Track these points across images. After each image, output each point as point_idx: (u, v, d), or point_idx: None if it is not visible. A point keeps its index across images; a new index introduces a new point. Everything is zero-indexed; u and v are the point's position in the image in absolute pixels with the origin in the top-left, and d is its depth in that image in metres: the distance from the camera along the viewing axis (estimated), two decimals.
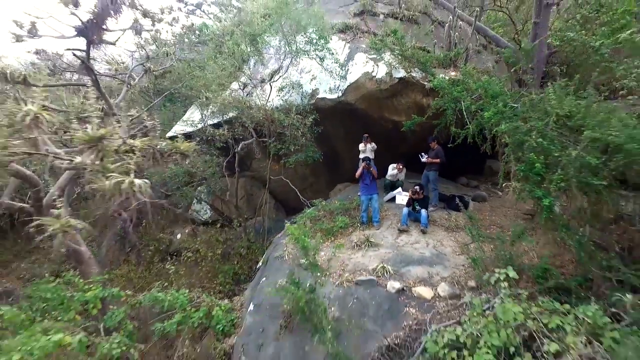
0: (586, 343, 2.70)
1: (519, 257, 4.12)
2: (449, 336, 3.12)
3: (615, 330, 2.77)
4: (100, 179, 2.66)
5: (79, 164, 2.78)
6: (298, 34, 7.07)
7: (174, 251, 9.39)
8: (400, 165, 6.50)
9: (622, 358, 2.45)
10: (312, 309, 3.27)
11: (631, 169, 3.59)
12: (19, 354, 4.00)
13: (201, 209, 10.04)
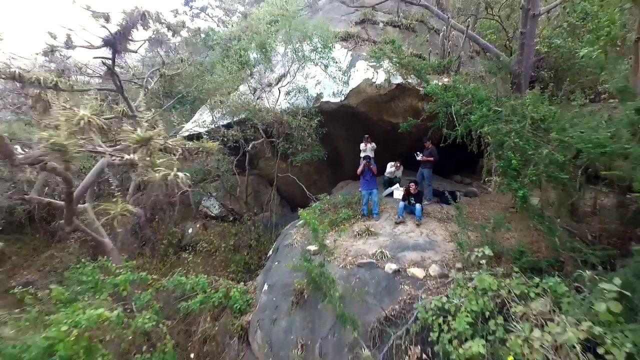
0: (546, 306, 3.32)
1: (500, 242, 4.73)
2: (436, 303, 3.74)
3: (571, 297, 3.38)
4: (150, 172, 3.27)
5: (131, 160, 3.40)
6: (304, 43, 7.67)
7: (186, 245, 10.01)
8: (397, 164, 7.11)
9: (573, 315, 3.06)
10: (322, 279, 3.89)
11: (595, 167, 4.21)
12: (66, 325, 4.61)
13: (211, 204, 10.67)
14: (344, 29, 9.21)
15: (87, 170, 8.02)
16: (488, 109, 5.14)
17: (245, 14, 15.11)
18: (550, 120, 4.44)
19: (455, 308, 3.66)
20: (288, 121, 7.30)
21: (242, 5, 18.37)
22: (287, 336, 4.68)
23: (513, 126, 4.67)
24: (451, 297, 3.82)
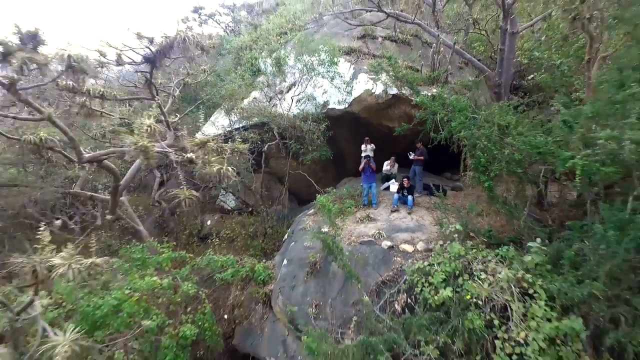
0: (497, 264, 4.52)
1: (474, 223, 5.93)
2: (420, 266, 4.94)
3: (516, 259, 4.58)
4: (208, 167, 4.46)
5: (191, 159, 4.60)
6: (313, 57, 8.86)
7: (205, 235, 11.21)
8: (392, 162, 8.31)
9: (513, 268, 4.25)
10: (334, 247, 5.08)
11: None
12: (127, 289, 5.82)
13: (227, 199, 11.88)
14: (347, 43, 10.41)
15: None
16: (465, 117, 6.32)
17: (255, 25, 16.30)
18: (511, 127, 5.63)
19: (433, 270, 4.85)
20: (300, 125, 8.50)
21: (250, 15, 19.55)
22: (303, 299, 5.88)
23: (484, 131, 5.87)
24: (431, 263, 5.03)
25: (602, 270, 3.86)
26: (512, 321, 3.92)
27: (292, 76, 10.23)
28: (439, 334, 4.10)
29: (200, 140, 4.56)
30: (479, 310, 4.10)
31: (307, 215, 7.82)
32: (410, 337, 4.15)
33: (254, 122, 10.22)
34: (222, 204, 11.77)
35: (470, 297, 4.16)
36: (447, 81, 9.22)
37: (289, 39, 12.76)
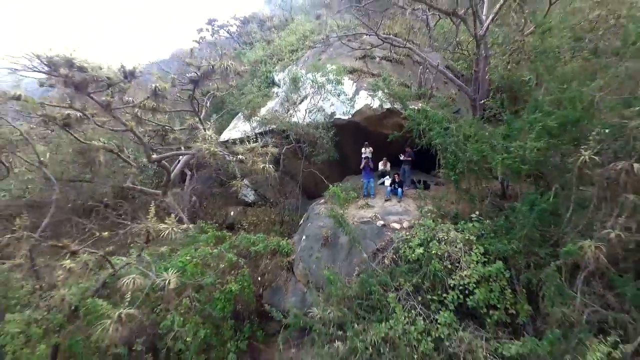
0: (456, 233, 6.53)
1: (444, 208, 7.94)
2: (403, 236, 6.97)
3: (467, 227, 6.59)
4: (255, 165, 6.49)
5: (242, 159, 6.62)
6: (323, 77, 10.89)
7: (230, 223, 13.24)
8: (385, 162, 10.33)
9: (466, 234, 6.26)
10: (342, 221, 7.11)
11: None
12: (186, 256, 7.85)
13: (247, 193, 13.92)
14: (349, 62, 12.45)
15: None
16: (441, 127, 8.34)
17: (268, 40, 18.35)
18: (473, 135, 7.65)
19: (412, 237, 6.87)
20: (312, 132, 10.53)
21: (261, 29, 21.60)
22: (318, 263, 7.91)
23: (453, 139, 7.89)
24: (412, 233, 7.05)
25: (520, 233, 5.88)
26: (460, 267, 5.95)
27: (304, 90, 12.26)
28: (414, 277, 6.13)
29: (250, 146, 6.60)
30: (440, 261, 6.12)
31: (318, 204, 9.86)
32: (394, 279, 6.19)
33: (271, 128, 12.25)
34: (244, 198, 13.81)
35: (435, 252, 6.18)
36: (433, 95, 11.25)
37: (299, 56, 14.82)
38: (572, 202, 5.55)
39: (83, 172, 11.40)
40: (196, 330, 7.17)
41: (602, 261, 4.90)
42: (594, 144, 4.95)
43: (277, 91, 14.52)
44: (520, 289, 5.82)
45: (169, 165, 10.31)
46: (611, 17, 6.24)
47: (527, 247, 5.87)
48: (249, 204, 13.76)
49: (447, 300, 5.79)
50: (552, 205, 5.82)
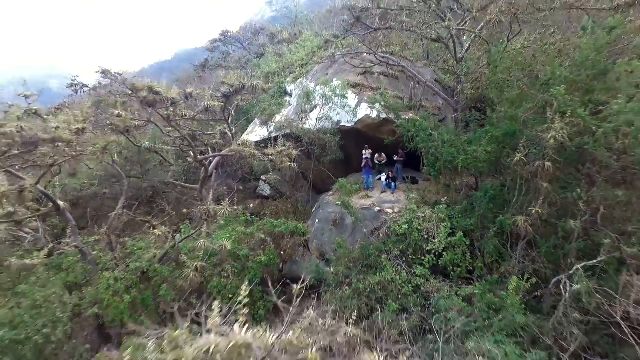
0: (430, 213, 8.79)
1: (427, 197, 10.20)
2: (393, 217, 9.24)
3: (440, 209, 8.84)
4: (284, 163, 8.76)
5: (272, 159, 8.88)
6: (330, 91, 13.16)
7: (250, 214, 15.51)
8: (380, 155, 12.59)
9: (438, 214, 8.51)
10: (348, 205, 9.39)
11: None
12: (228, 233, 10.12)
13: (264, 188, 16.20)
14: (352, 77, 14.71)
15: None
16: (425, 134, 10.60)
17: (280, 54, 20.65)
18: (448, 141, 9.90)
19: (400, 217, 9.13)
20: (322, 137, 12.80)
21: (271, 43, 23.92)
22: (329, 240, 10.17)
23: (434, 144, 10.15)
24: (400, 215, 9.31)
25: (477, 213, 8.15)
26: (434, 238, 8.21)
27: (314, 101, 14.53)
28: (400, 245, 8.40)
29: (280, 149, 8.86)
30: (419, 234, 8.37)
31: (328, 195, 12.16)
32: (386, 247, 8.46)
33: (286, 133, 14.51)
34: (261, 192, 16.11)
35: (416, 227, 8.44)
36: (422, 106, 13.52)
37: (309, 70, 17.10)
38: (516, 190, 7.81)
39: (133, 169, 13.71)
40: (234, 292, 9.43)
41: (529, 229, 7.17)
42: (523, 149, 7.21)
43: (290, 100, 16.82)
44: (477, 253, 8.09)
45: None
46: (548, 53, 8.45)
47: (482, 223, 8.14)
48: (266, 197, 16.04)
49: (424, 261, 8.05)
50: (501, 192, 8.10)
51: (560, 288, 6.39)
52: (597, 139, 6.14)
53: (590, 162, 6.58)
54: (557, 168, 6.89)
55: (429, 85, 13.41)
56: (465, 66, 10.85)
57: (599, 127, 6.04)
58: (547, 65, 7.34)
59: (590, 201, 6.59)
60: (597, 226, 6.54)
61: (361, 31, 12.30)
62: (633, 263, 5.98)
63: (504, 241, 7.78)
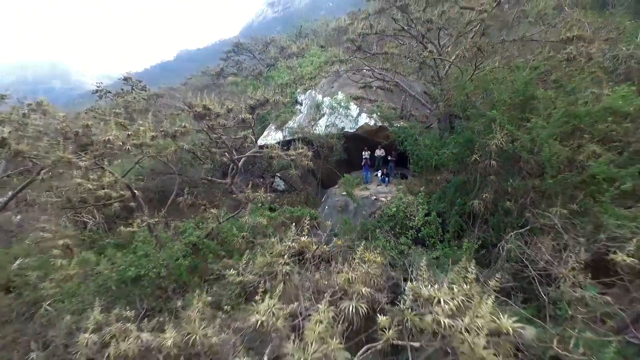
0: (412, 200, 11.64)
1: (413, 188, 13.06)
2: (385, 202, 12.11)
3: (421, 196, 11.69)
4: (302, 162, 11.62)
5: (292, 158, 11.73)
6: (336, 103, 16.04)
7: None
8: (380, 149, 15.46)
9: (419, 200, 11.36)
10: (351, 194, 12.25)
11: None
12: (260, 217, 13.03)
13: (279, 183, 19.09)
14: (354, 90, 17.58)
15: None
16: (412, 139, 13.46)
17: (291, 67, 23.53)
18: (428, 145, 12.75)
19: (390, 203, 11.99)
20: (329, 141, 15.65)
21: (281, 55, 26.82)
22: (336, 221, 13.04)
23: (418, 147, 13.00)
24: (391, 202, 12.17)
25: (448, 199, 11.03)
26: (414, 217, 11.07)
27: (322, 110, 17.40)
28: (390, 223, 11.26)
29: (300, 150, 11.68)
30: (404, 214, 11.23)
31: (334, 188, 15.05)
32: (379, 224, 11.33)
33: (298, 137, 17.37)
34: (277, 187, 19.00)
35: (402, 210, 11.30)
36: (412, 115, 16.38)
37: (317, 82, 19.99)
38: (474, 181, 10.66)
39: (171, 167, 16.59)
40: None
41: (481, 210, 10.03)
42: (477, 152, 10.06)
43: (300, 108, 19.71)
44: (446, 228, 10.94)
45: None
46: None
47: (450, 206, 10.98)
48: (281, 191, 18.93)
49: (407, 234, 10.89)
50: (464, 183, 10.96)
51: (500, 249, 9.25)
52: (522, 144, 9.00)
53: (520, 161, 9.45)
54: (500, 165, 9.76)
55: (417, 98, 16.29)
56: (439, 87, 13.69)
57: (523, 136, 8.90)
58: (495, 90, 10.20)
59: (521, 188, 9.45)
60: (525, 205, 9.39)
61: (362, 55, 15.15)
62: (545, 229, 8.82)
63: (466, 219, 10.65)
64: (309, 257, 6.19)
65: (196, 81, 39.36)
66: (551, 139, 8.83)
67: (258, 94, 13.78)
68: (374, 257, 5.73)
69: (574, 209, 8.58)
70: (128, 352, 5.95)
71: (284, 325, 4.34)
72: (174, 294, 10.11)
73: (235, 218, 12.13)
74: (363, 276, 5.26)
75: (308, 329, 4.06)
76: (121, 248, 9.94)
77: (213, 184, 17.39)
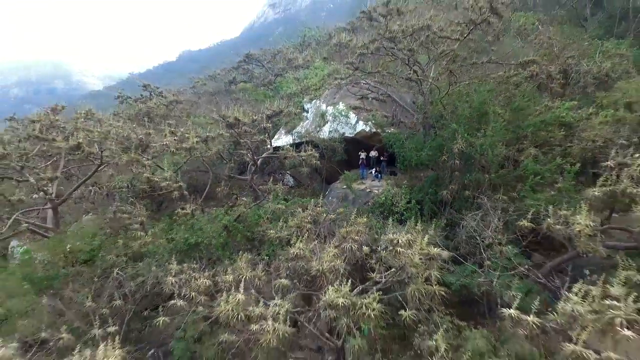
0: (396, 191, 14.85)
1: (400, 183, 16.28)
2: (376, 193, 15.35)
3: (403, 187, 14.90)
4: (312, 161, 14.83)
5: (305, 158, 14.91)
6: (338, 112, 19.27)
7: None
8: (374, 150, 18.70)
9: (404, 190, 14.57)
10: (351, 187, 15.49)
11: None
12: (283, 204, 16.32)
13: (289, 179, 22.32)
14: (353, 101, 20.82)
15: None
16: (399, 143, 16.68)
17: (299, 78, 26.77)
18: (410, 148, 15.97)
19: (381, 194, 15.22)
20: (332, 144, 18.87)
21: (289, 66, 30.07)
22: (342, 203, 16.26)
23: (403, 149, 16.21)
24: (381, 194, 15.40)
25: (424, 190, 14.29)
26: (399, 203, 14.30)
27: (326, 118, 20.63)
28: (380, 209, 14.50)
29: (310, 152, 14.82)
30: (391, 202, 14.46)
31: (336, 183, 18.30)
32: (372, 210, 14.57)
33: (305, 140, 20.59)
34: (287, 183, 22.24)
35: (389, 199, 14.52)
36: (401, 122, 19.61)
37: (321, 93, 23.24)
38: (444, 177, 13.87)
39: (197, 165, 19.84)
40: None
41: (448, 198, 13.26)
42: (446, 154, 13.28)
43: (307, 115, 22.94)
44: (423, 212, 14.17)
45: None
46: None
47: (427, 196, 14.21)
48: (290, 186, 22.16)
49: (393, 217, 14.10)
50: (437, 178, 14.19)
51: (461, 226, 12.47)
52: (475, 148, 12.23)
53: (475, 160, 12.69)
54: (461, 164, 12.99)
55: (406, 108, 19.52)
56: (420, 100, 16.92)
57: (476, 142, 12.14)
58: (459, 107, 13.45)
59: (476, 181, 12.68)
60: (479, 193, 12.61)
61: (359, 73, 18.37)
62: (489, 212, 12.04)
63: (438, 205, 13.88)
64: (321, 221, 9.33)
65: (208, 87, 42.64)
66: (499, 144, 12.09)
67: (274, 106, 17.02)
68: (361, 220, 8.94)
69: (513, 196, 11.83)
70: (200, 287, 9.19)
71: (309, 254, 7.55)
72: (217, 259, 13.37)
73: (258, 206, 15.36)
74: (355, 231, 8.49)
75: (324, 254, 7.28)
76: (176, 226, 13.15)
77: (235, 179, 20.61)
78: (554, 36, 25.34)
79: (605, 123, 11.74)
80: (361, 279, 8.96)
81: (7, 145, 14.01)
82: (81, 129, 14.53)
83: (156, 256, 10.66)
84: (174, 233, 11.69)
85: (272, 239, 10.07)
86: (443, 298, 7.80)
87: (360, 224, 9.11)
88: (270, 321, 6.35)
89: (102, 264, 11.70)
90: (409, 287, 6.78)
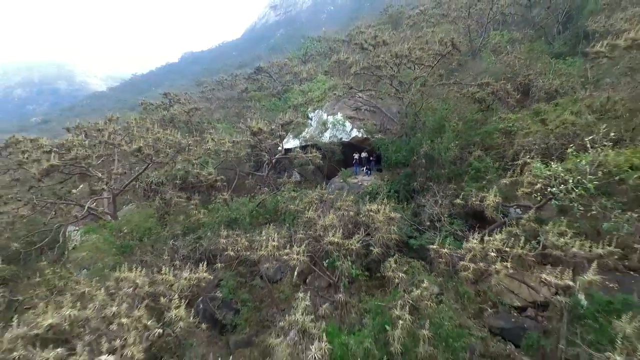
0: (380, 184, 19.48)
1: (390, 179, 20.92)
2: (368, 187, 20.04)
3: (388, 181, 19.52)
4: (316, 160, 19.41)
5: (312, 158, 19.49)
6: (337, 121, 23.91)
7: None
8: (365, 152, 23.37)
9: (386, 184, 19.19)
10: (346, 181, 20.14)
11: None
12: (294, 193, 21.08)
13: (295, 175, 26.98)
14: (349, 112, 25.48)
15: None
16: (384, 145, 21.32)
17: (304, 90, 31.41)
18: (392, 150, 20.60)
19: (370, 186, 19.86)
20: (332, 147, 23.48)
21: (294, 79, 34.71)
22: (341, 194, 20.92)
23: (387, 151, 20.85)
24: (371, 186, 20.04)
25: (401, 182, 18.97)
26: (381, 192, 18.96)
27: (327, 125, 25.29)
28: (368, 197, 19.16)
29: (315, 154, 19.36)
30: (375, 191, 19.10)
31: (335, 178, 22.97)
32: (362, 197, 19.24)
33: (310, 144, 25.23)
34: (295, 179, 26.92)
35: (376, 189, 19.16)
36: (388, 129, 24.26)
37: (323, 104, 27.93)
38: (416, 172, 18.52)
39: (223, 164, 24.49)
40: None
41: (418, 188, 17.93)
42: (416, 155, 17.91)
43: (311, 122, 27.61)
44: (400, 199, 18.82)
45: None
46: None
47: (402, 186, 18.84)
48: (297, 181, 26.81)
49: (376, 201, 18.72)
50: (412, 173, 18.85)
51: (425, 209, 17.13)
52: (437, 150, 16.87)
53: (435, 160, 17.34)
54: (427, 162, 17.62)
55: (391, 118, 24.20)
56: (404, 111, 21.60)
57: (437, 146, 16.79)
58: (426, 120, 18.10)
59: (436, 175, 17.31)
60: (437, 183, 17.26)
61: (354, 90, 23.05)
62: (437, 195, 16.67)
63: (411, 193, 18.53)
64: (324, 200, 14.00)
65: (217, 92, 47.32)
66: (453, 148, 16.74)
67: (286, 117, 21.67)
68: (348, 197, 13.60)
69: (462, 185, 16.48)
70: (241, 246, 13.84)
71: (317, 216, 12.21)
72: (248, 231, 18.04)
73: (274, 195, 20.02)
74: (346, 205, 13.15)
75: (326, 218, 11.95)
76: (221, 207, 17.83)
77: (253, 175, 25.29)
78: (519, 55, 29.98)
79: (527, 134, 16.34)
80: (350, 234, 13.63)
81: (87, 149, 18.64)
82: (138, 136, 19.18)
83: (210, 226, 15.32)
84: (219, 212, 16.35)
85: (292, 211, 14.72)
86: (402, 249, 12.55)
87: (350, 200, 13.75)
88: (295, 254, 11.00)
89: (157, 238, 16.38)
90: (377, 235, 11.43)
